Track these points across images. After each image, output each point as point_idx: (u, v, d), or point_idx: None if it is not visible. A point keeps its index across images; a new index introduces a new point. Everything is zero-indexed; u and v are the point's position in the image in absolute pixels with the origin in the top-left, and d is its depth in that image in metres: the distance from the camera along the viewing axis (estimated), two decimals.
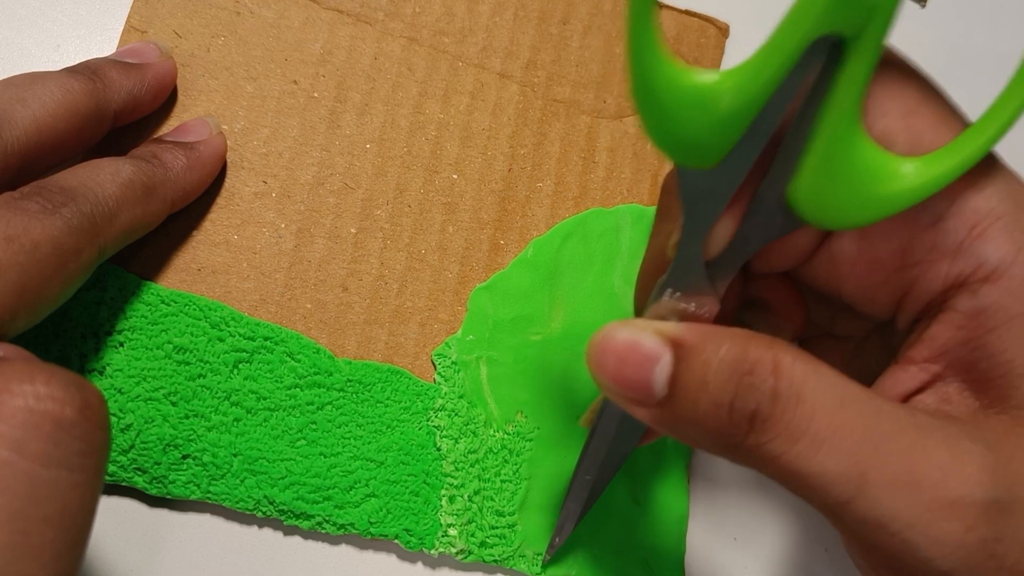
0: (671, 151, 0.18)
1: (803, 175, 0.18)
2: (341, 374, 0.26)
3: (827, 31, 0.17)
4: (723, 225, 0.19)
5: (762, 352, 0.17)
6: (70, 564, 0.16)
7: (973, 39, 0.36)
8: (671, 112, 0.17)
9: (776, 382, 0.17)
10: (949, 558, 0.17)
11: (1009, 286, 0.18)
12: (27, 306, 0.19)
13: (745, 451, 0.18)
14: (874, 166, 0.18)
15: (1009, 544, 0.17)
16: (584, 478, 0.25)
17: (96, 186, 0.21)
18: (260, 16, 0.28)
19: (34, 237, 0.19)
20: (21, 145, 0.21)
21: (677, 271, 0.20)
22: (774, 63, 0.17)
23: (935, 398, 0.19)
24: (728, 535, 0.29)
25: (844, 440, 0.17)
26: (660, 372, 0.18)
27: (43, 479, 0.16)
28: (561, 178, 0.30)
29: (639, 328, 0.18)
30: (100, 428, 0.17)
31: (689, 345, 0.18)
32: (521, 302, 0.28)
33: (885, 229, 0.19)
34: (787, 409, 0.17)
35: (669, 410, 0.18)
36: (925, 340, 0.19)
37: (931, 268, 0.19)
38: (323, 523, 0.25)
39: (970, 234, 0.18)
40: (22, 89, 0.22)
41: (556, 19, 0.31)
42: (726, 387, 0.17)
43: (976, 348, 0.18)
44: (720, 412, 0.17)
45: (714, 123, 0.17)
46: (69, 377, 0.17)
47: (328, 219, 0.27)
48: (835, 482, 0.17)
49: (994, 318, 0.18)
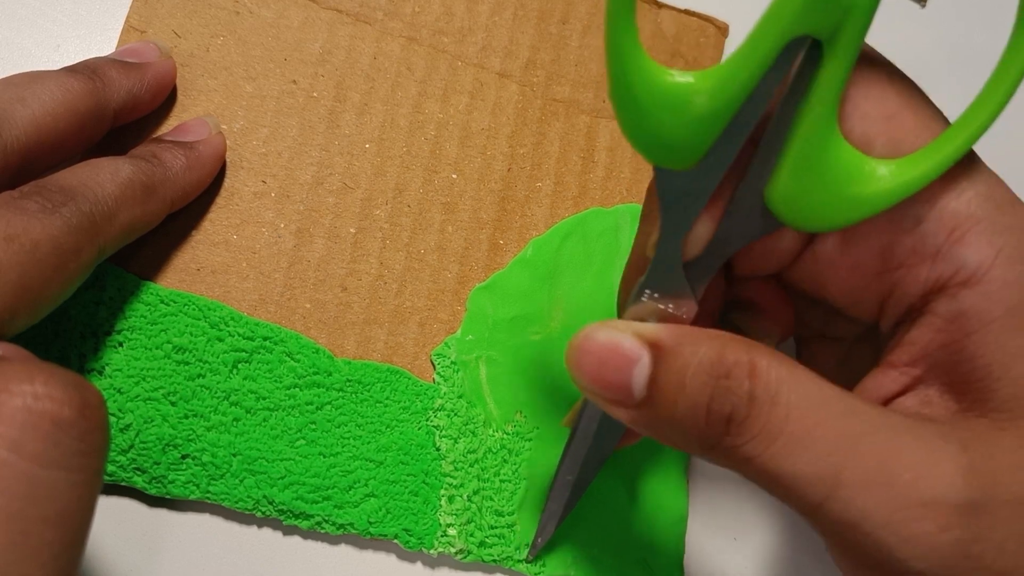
0: (648, 152, 0.18)
1: (781, 176, 0.19)
2: (340, 374, 0.26)
3: (803, 32, 0.17)
4: (701, 226, 0.20)
5: (739, 355, 0.18)
6: (69, 564, 0.16)
7: (973, 39, 0.36)
8: (648, 112, 0.17)
9: (752, 385, 0.17)
10: (923, 559, 0.17)
11: (987, 290, 0.18)
12: (27, 306, 0.19)
13: (722, 452, 0.18)
14: (850, 167, 0.18)
15: (985, 544, 0.17)
16: (565, 478, 0.25)
17: (96, 185, 0.21)
18: (259, 16, 0.28)
19: (34, 236, 0.19)
20: (21, 144, 0.21)
21: (656, 272, 0.20)
22: (750, 64, 0.17)
23: (916, 401, 0.19)
24: (728, 535, 0.29)
25: (818, 441, 0.17)
26: (639, 374, 0.18)
27: (42, 479, 0.16)
28: (560, 178, 0.30)
29: (618, 330, 0.19)
30: (99, 428, 0.17)
31: (667, 347, 0.18)
32: (520, 302, 0.28)
33: (866, 232, 0.19)
34: (762, 411, 0.17)
35: (648, 411, 0.18)
36: (905, 344, 0.19)
37: (911, 272, 0.19)
38: (322, 523, 0.25)
39: (949, 238, 0.18)
40: (22, 88, 0.22)
41: (555, 18, 0.31)
42: (703, 389, 0.17)
43: (955, 352, 0.18)
44: (698, 414, 0.18)
45: (691, 124, 0.17)
46: (68, 377, 0.17)
47: (327, 219, 0.27)
48: (809, 483, 0.17)
49: (973, 322, 0.18)
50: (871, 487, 0.17)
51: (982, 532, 0.17)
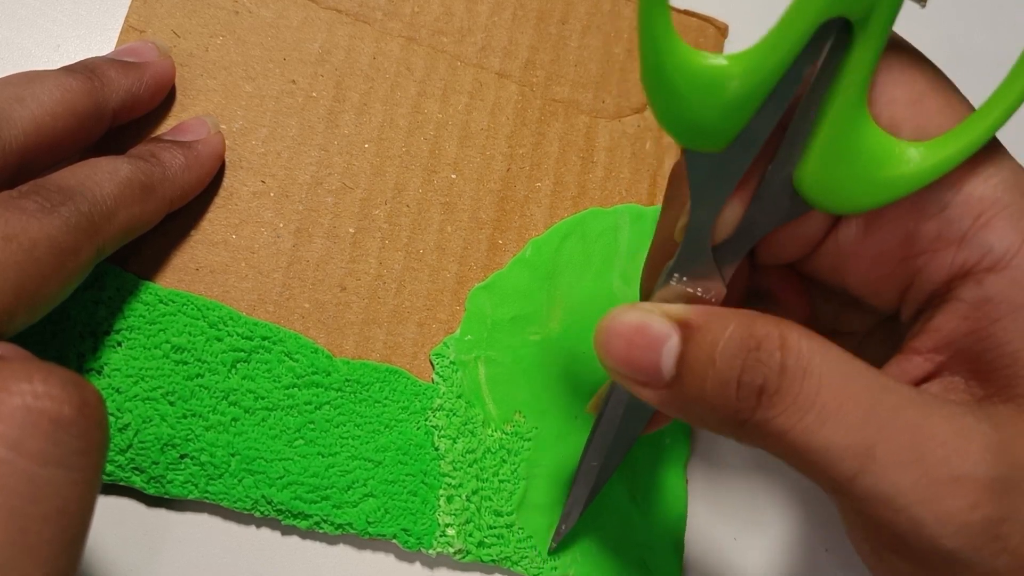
0: (680, 134, 0.18)
1: (810, 159, 0.19)
2: (339, 374, 0.26)
3: (835, 14, 0.17)
4: (731, 209, 0.20)
5: (769, 328, 0.18)
6: (68, 562, 0.16)
7: (973, 39, 0.35)
8: (681, 95, 0.17)
9: (783, 356, 0.17)
10: (954, 536, 0.17)
11: (1014, 276, 0.18)
12: (25, 305, 0.19)
13: (752, 427, 0.18)
14: (880, 150, 0.18)
15: (1012, 525, 0.17)
16: (591, 464, 0.25)
17: (94, 185, 0.21)
18: (258, 16, 0.28)
19: (32, 236, 0.19)
20: (19, 144, 0.21)
21: (684, 256, 0.20)
22: (783, 47, 0.17)
23: (940, 387, 0.19)
24: (728, 535, 0.29)
25: (850, 414, 0.17)
26: (668, 353, 0.18)
27: (41, 478, 0.16)
28: (560, 178, 0.30)
29: (646, 311, 0.18)
30: (98, 427, 0.17)
31: (696, 325, 0.18)
32: (519, 302, 0.28)
33: (891, 217, 0.19)
34: (794, 382, 0.17)
35: (677, 391, 0.18)
36: (930, 330, 0.19)
37: (935, 257, 0.19)
38: (321, 523, 0.25)
39: (975, 223, 0.18)
40: (20, 88, 0.22)
41: (555, 19, 0.31)
42: (733, 363, 0.17)
43: (981, 338, 0.18)
44: (728, 390, 0.17)
45: (723, 106, 0.17)
46: (67, 375, 0.17)
47: (326, 219, 0.27)
48: (841, 456, 0.17)
49: (999, 308, 0.18)
50: (904, 462, 0.17)
51: (1010, 512, 0.17)
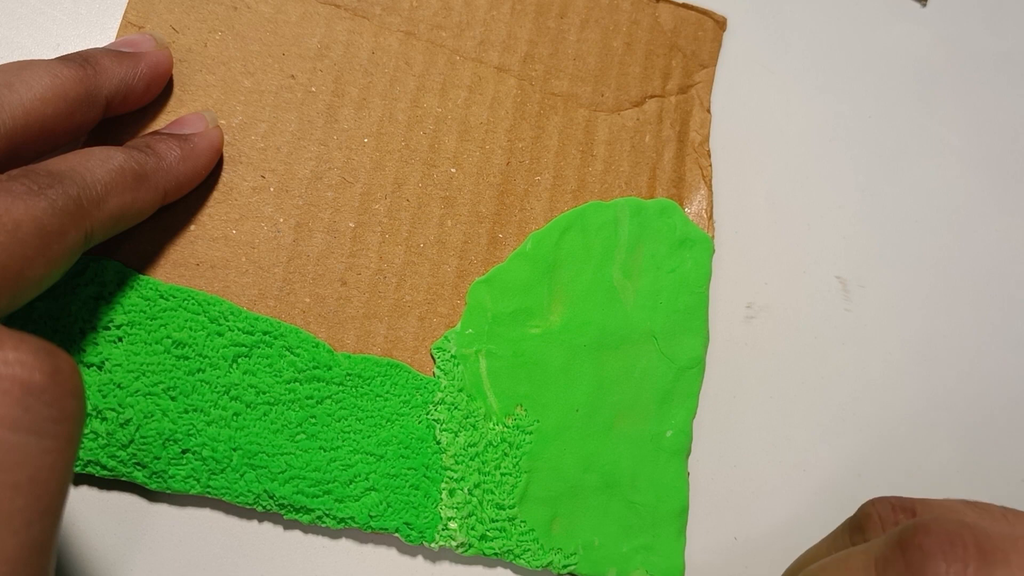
0: None
1: None
2: (340, 368, 0.26)
3: None
4: None
5: None
6: (42, 533, 0.16)
7: (973, 39, 0.35)
8: None
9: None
10: None
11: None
12: (8, 287, 0.19)
13: None
14: None
15: None
16: None
17: (85, 171, 0.21)
18: (257, 11, 0.28)
19: (15, 216, 0.19)
20: (8, 129, 0.21)
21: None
22: None
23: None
24: (728, 534, 0.29)
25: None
26: None
27: (11, 444, 0.15)
28: (559, 172, 0.30)
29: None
30: (72, 395, 0.17)
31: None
32: (520, 295, 0.28)
33: None
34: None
35: None
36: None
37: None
38: (323, 517, 0.25)
39: None
40: (10, 75, 0.22)
41: (553, 13, 0.31)
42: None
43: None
44: None
45: None
46: (39, 343, 0.16)
47: (326, 213, 0.27)
48: None
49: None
50: None
51: None
